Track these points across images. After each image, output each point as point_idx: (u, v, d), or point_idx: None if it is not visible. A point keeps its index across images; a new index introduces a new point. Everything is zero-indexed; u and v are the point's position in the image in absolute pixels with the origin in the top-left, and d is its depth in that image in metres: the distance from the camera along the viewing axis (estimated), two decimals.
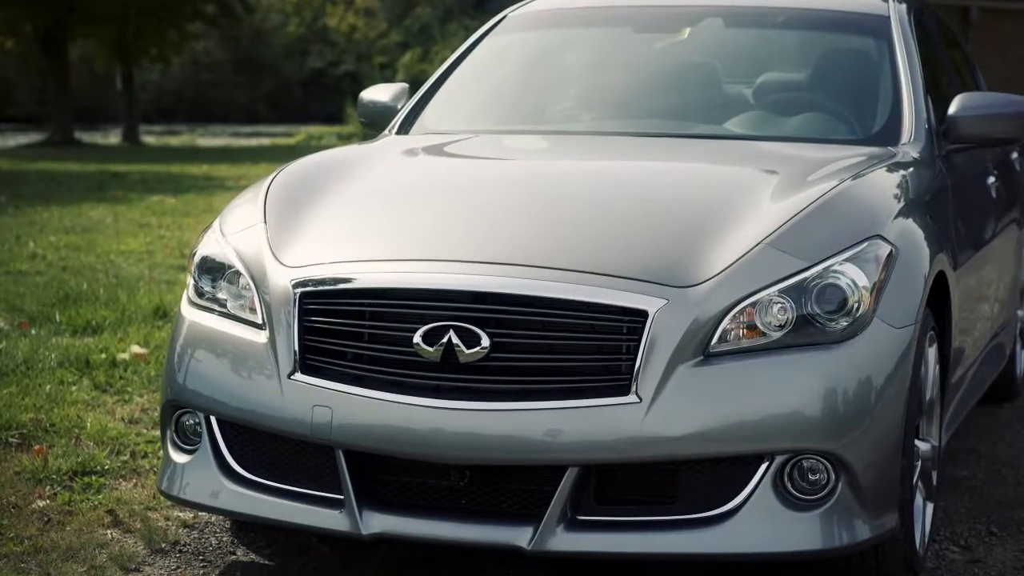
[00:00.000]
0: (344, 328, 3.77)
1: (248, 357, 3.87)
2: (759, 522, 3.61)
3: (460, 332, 3.63)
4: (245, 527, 4.48)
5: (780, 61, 5.46)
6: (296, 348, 3.78)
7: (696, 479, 3.65)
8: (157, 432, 5.30)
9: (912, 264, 3.98)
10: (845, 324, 3.69)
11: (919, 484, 4.11)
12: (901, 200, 4.21)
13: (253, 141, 39.07)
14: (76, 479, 4.80)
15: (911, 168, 4.52)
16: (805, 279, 3.71)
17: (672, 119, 5.15)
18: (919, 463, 4.09)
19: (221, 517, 4.52)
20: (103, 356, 6.38)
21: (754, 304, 3.67)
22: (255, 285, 3.95)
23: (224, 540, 4.44)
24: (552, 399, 3.59)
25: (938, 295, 4.29)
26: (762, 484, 3.62)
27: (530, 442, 3.58)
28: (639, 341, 3.58)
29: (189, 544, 4.39)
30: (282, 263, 3.94)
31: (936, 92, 5.24)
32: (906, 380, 3.79)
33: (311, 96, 55.54)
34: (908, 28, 5.26)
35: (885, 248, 3.86)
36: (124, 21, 36.88)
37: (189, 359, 4.02)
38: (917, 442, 4.03)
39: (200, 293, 4.12)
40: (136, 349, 6.55)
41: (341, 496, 3.76)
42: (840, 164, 4.36)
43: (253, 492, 3.89)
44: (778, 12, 5.50)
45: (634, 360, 3.57)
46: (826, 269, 3.73)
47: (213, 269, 4.10)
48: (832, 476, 3.65)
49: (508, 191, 4.31)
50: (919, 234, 4.13)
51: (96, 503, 4.62)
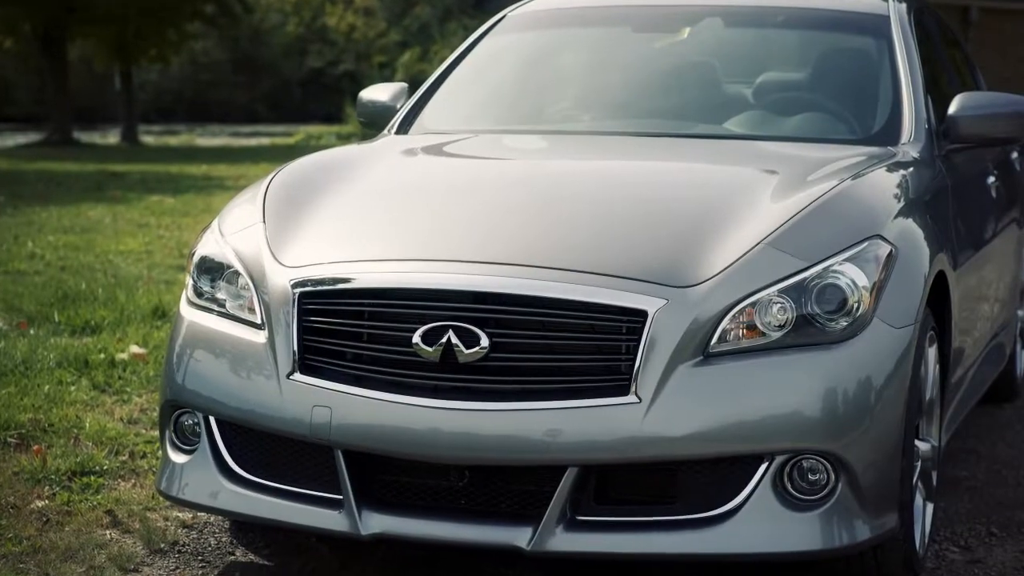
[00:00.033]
0: (343, 328, 3.76)
1: (247, 357, 3.86)
2: (759, 522, 3.60)
3: (459, 332, 3.62)
4: (244, 527, 4.47)
5: (780, 61, 5.45)
6: (295, 348, 3.78)
7: (696, 479, 3.64)
8: (156, 432, 5.29)
9: (912, 264, 3.98)
10: (845, 324, 3.69)
11: (919, 484, 4.11)
12: (901, 200, 4.21)
13: (252, 141, 39.06)
14: (75, 479, 4.80)
15: (911, 168, 4.52)
16: (805, 279, 3.70)
17: (672, 119, 5.15)
18: (919, 463, 4.09)
19: (220, 517, 4.51)
20: (102, 356, 6.37)
21: (754, 304, 3.66)
22: (254, 285, 3.94)
23: (223, 540, 4.43)
24: (551, 399, 3.59)
25: (938, 295, 4.28)
26: (762, 484, 3.61)
27: (529, 442, 3.57)
28: (639, 341, 3.57)
29: (188, 544, 4.38)
30: (281, 263, 3.93)
31: (936, 92, 5.23)
32: (906, 380, 3.78)
33: (310, 96, 55.52)
34: (908, 28, 5.26)
35: (885, 248, 3.85)
36: (123, 21, 36.87)
37: (188, 359, 4.02)
38: (917, 442, 4.03)
39: (199, 293, 4.11)
40: (135, 349, 6.55)
41: (340, 496, 3.75)
42: (840, 164, 4.36)
43: (252, 492, 3.89)
44: (778, 12, 5.49)
45: (634, 360, 3.57)
46: (826, 269, 3.72)
47: (212, 269, 4.10)
48: (832, 476, 3.65)
49: (507, 191, 4.30)
50: (919, 234, 4.12)
51: (95, 503, 4.61)
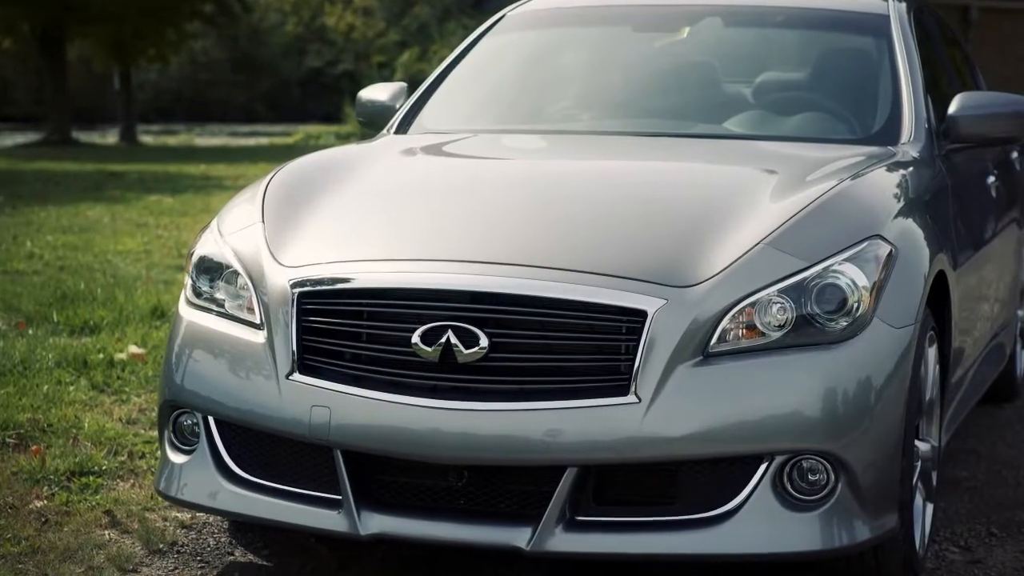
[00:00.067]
0: (342, 328, 3.76)
1: (246, 357, 3.86)
2: (758, 523, 3.60)
3: (458, 332, 3.61)
4: (243, 528, 4.46)
5: (779, 60, 5.45)
6: (294, 348, 3.77)
7: (695, 479, 3.64)
8: (155, 432, 5.28)
9: (912, 264, 3.97)
10: (845, 324, 3.68)
11: (919, 485, 4.11)
12: (901, 200, 4.20)
13: (251, 140, 39.07)
14: (74, 479, 4.79)
15: (911, 168, 4.51)
16: (804, 279, 3.70)
17: (671, 119, 5.14)
18: (919, 463, 4.08)
19: (219, 518, 4.51)
20: (101, 356, 6.37)
21: (753, 304, 3.65)
22: (253, 285, 3.94)
23: (222, 541, 4.42)
24: (551, 399, 3.58)
25: (938, 295, 4.27)
26: (761, 484, 3.61)
27: (529, 442, 3.57)
28: (638, 341, 3.57)
29: (187, 545, 4.38)
30: (280, 263, 3.92)
31: (936, 91, 5.23)
32: (906, 380, 3.78)
33: (309, 95, 55.53)
34: (908, 27, 5.25)
35: (885, 248, 3.85)
36: (122, 20, 36.86)
37: (187, 359, 4.01)
38: (917, 442, 4.02)
39: (198, 293, 4.11)
40: (134, 349, 6.54)
41: (339, 496, 3.74)
42: (840, 164, 4.35)
43: (251, 492, 3.88)
44: (777, 11, 5.49)
45: (633, 360, 3.56)
46: (826, 269, 3.72)
47: (211, 269, 4.09)
48: (832, 476, 3.64)
49: (507, 191, 4.29)
50: (919, 234, 4.12)
51: (94, 503, 4.61)
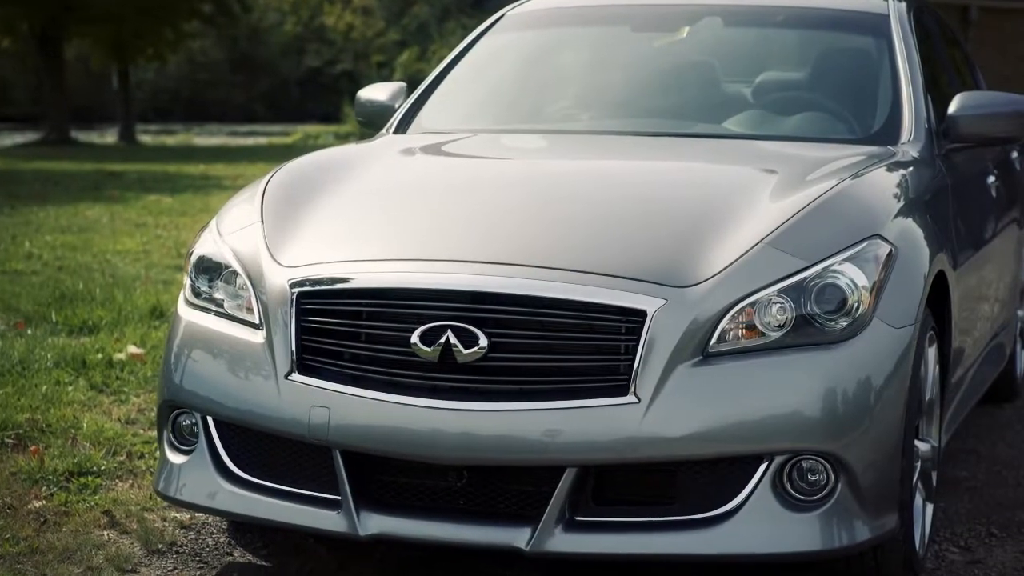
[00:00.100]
0: (341, 328, 3.75)
1: (245, 357, 3.85)
2: (758, 523, 3.59)
3: (458, 332, 3.61)
4: (242, 528, 4.46)
5: (779, 60, 5.44)
6: (293, 348, 3.76)
7: (695, 480, 3.63)
8: (154, 432, 5.28)
9: (912, 264, 3.97)
10: (844, 324, 3.67)
11: (919, 485, 4.10)
12: (901, 199, 4.20)
13: (250, 140, 39.08)
14: (72, 480, 4.78)
15: (911, 167, 4.51)
16: (804, 279, 3.69)
17: (671, 118, 5.14)
18: (919, 464, 4.08)
19: (218, 518, 4.50)
20: (99, 356, 6.36)
21: (753, 304, 3.65)
22: (252, 285, 3.93)
23: (221, 541, 4.42)
24: (550, 399, 3.57)
25: (938, 295, 4.27)
26: (761, 485, 3.60)
27: (528, 443, 3.56)
28: (638, 341, 3.56)
29: (186, 545, 4.37)
30: (279, 263, 3.92)
31: (936, 91, 5.23)
32: (906, 380, 3.77)
33: (308, 95, 55.56)
34: (908, 27, 5.25)
35: (885, 248, 3.84)
36: (120, 20, 36.87)
37: (186, 359, 4.01)
38: (917, 443, 4.02)
39: (197, 293, 4.10)
40: (133, 349, 6.53)
41: (338, 497, 3.74)
42: (839, 163, 4.35)
43: (250, 493, 3.88)
44: (777, 11, 5.48)
45: (633, 360, 3.56)
46: (825, 269, 3.71)
47: (210, 269, 4.08)
48: (831, 477, 3.63)
49: (506, 191, 4.29)
50: (919, 234, 4.11)
51: (92, 504, 4.60)
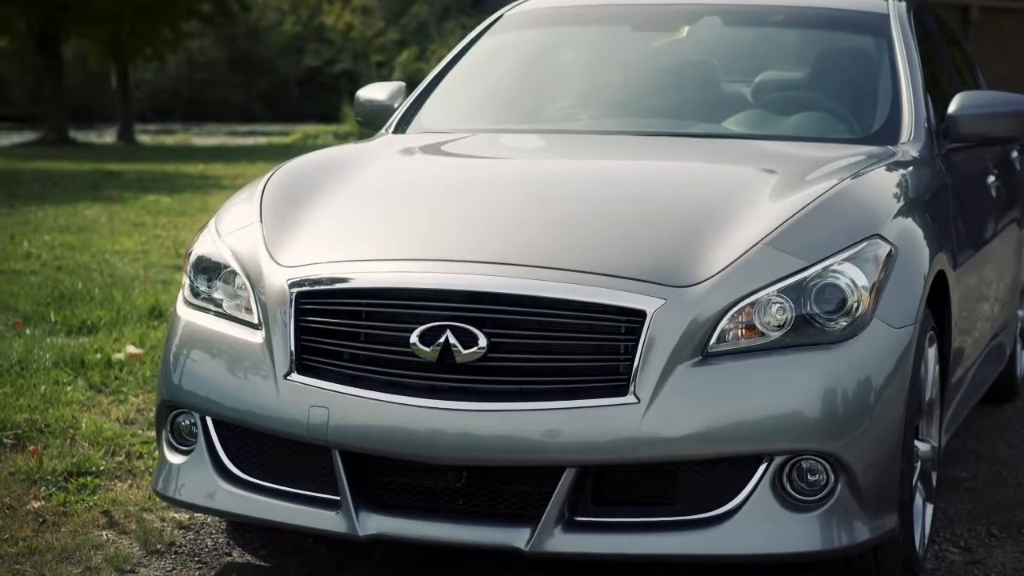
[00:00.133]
0: (340, 328, 3.74)
1: (244, 357, 3.85)
2: (758, 523, 3.59)
3: (457, 332, 3.60)
4: (241, 528, 4.45)
5: (779, 60, 5.44)
6: (292, 348, 3.76)
7: (695, 480, 3.63)
8: (153, 433, 5.27)
9: (912, 264, 3.96)
10: (844, 324, 3.67)
11: (919, 485, 4.10)
12: (900, 199, 4.19)
13: (249, 140, 39.08)
14: (71, 480, 4.78)
15: (911, 167, 4.50)
16: (804, 279, 3.69)
17: (670, 118, 5.14)
18: (919, 464, 4.08)
19: (217, 518, 4.50)
20: (98, 356, 6.36)
21: (753, 304, 3.64)
22: (251, 285, 3.93)
23: (220, 541, 4.41)
24: (550, 399, 3.57)
25: (938, 295, 4.27)
26: (761, 485, 3.60)
27: (527, 443, 3.56)
28: (637, 341, 3.56)
29: (185, 545, 4.37)
30: (278, 263, 3.91)
31: (936, 91, 5.22)
32: (906, 380, 3.77)
33: (307, 95, 55.56)
34: (908, 26, 5.25)
35: (884, 248, 3.84)
36: (119, 19, 36.88)
37: (185, 359, 4.00)
38: (917, 443, 4.01)
39: (196, 293, 4.10)
40: (131, 349, 6.53)
41: (338, 497, 3.73)
42: (839, 163, 4.35)
43: (249, 493, 3.87)
44: (777, 10, 5.48)
45: (632, 360, 3.55)
46: (825, 269, 3.71)
47: (209, 269, 4.08)
48: (831, 477, 3.63)
49: (505, 190, 4.28)
50: (919, 233, 4.11)
51: (91, 504, 4.60)
